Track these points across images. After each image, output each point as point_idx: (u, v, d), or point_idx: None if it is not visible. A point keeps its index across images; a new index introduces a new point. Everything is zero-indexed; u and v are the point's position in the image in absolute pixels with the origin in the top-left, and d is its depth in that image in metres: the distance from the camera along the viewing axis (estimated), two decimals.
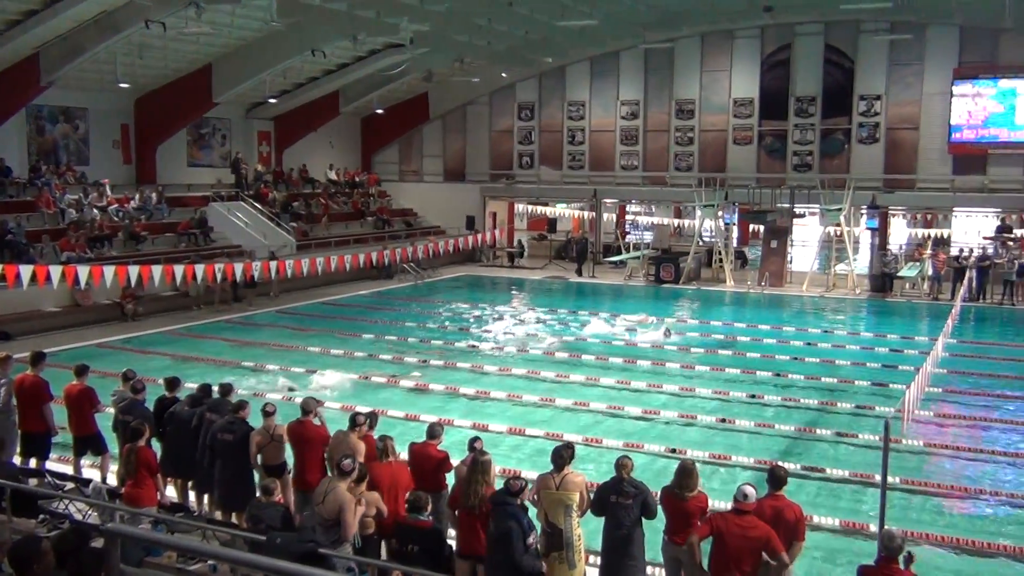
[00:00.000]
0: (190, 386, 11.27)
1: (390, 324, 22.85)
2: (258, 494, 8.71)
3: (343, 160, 38.61)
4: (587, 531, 8.05)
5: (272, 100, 32.41)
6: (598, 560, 8.26)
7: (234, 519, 9.55)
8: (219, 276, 22.33)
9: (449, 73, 35.01)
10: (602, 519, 7.98)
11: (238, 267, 22.79)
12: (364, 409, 10.50)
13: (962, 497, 11.76)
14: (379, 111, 37.48)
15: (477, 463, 7.94)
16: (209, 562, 7.30)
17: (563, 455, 8.09)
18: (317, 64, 30.52)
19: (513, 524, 7.40)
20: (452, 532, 8.35)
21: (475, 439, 8.83)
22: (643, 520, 7.87)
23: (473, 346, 20.42)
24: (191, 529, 8.35)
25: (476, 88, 37.26)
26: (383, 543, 8.34)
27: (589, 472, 10.09)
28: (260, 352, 19.33)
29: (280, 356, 18.83)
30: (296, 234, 30.57)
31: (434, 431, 9.14)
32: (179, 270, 21.22)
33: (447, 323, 23.46)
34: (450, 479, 8.76)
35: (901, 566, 6.57)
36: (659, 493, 8.11)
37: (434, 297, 27.98)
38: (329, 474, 8.82)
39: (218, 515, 9.89)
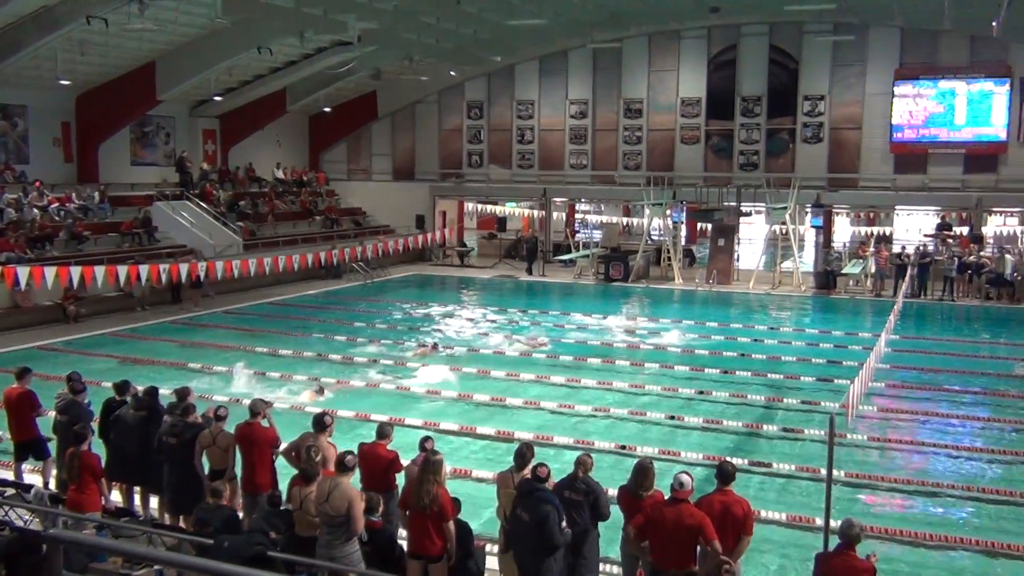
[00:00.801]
0: (164, 393, 11.01)
1: (339, 324, 22.68)
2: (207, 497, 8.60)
3: (290, 159, 38.25)
4: None
5: (217, 98, 31.97)
6: None
7: (182, 523, 9.41)
8: (164, 277, 22.00)
9: (398, 71, 34.84)
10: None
11: (183, 267, 22.46)
12: (335, 410, 10.39)
13: (906, 489, 12.00)
14: (327, 109, 37.19)
15: (428, 463, 7.91)
16: (155, 567, 7.19)
17: (524, 454, 8.12)
18: (263, 62, 30.16)
19: (550, 508, 7.42)
20: (403, 532, 8.30)
21: (426, 438, 8.80)
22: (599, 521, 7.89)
23: (423, 345, 20.34)
24: (136, 534, 8.22)
25: (425, 87, 37.14)
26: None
27: None
28: (208, 353, 19.06)
29: (228, 357, 18.58)
30: (243, 234, 30.21)
31: (384, 431, 9.08)
32: (123, 271, 20.86)
33: (397, 322, 23.35)
34: (400, 479, 8.72)
35: (858, 555, 6.69)
36: (617, 492, 8.15)
37: (383, 296, 27.83)
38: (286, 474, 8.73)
39: (167, 519, 9.73)
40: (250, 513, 9.14)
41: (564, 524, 7.52)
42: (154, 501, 10.15)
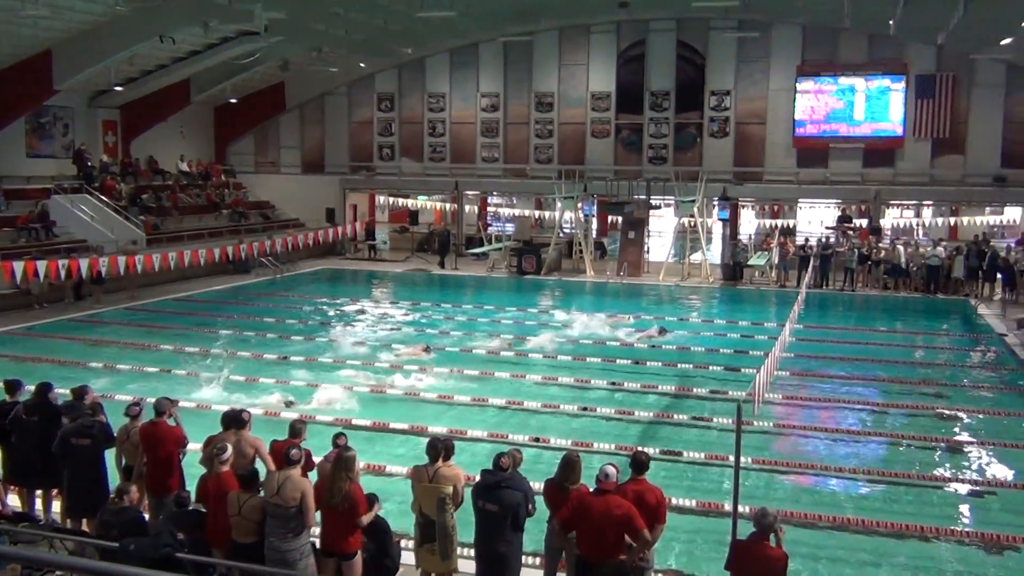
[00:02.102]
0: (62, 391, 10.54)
1: (248, 319, 22.25)
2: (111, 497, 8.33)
3: (195, 151, 37.32)
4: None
5: (118, 88, 30.97)
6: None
7: (85, 527, 9.10)
8: (63, 273, 21.25)
9: (306, 62, 34.25)
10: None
11: (83, 263, 21.73)
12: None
13: (811, 474, 12.36)
14: (233, 100, 36.41)
15: (340, 459, 7.82)
16: (57, 573, 6.93)
17: (437, 447, 8.11)
18: (166, 51, 29.27)
19: (520, 496, 7.64)
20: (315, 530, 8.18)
21: (339, 435, 8.68)
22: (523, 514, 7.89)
23: (334, 340, 20.10)
24: (36, 539, 7.92)
25: (334, 78, 36.64)
26: None
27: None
28: (110, 352, 18.49)
29: (131, 356, 18.07)
30: (145, 228, 29.34)
31: (296, 428, 8.94)
32: (19, 267, 20.07)
33: (308, 318, 23.02)
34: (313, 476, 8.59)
35: (771, 543, 6.83)
36: (543, 485, 8.17)
37: (294, 291, 27.39)
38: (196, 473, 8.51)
39: (70, 523, 9.39)
40: (156, 514, 8.89)
41: (531, 506, 7.77)
42: (56, 505, 9.79)
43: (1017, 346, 19.73)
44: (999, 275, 26.13)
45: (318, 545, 7.94)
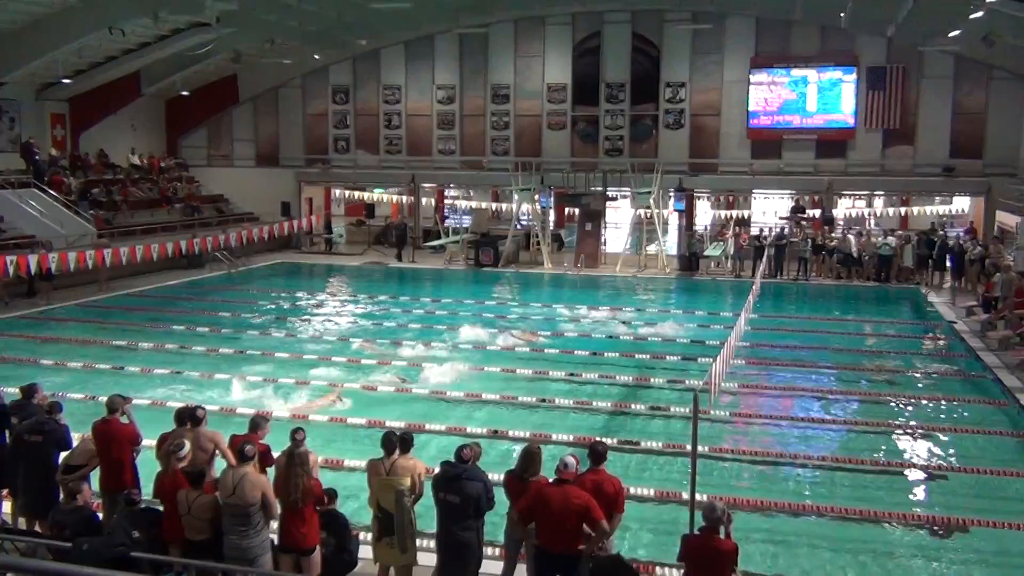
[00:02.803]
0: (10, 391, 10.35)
1: (203, 315, 21.98)
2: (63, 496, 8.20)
3: (147, 144, 36.75)
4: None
5: (66, 80, 30.36)
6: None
7: (39, 527, 8.93)
8: (11, 269, 20.83)
9: (259, 54, 33.83)
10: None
11: (32, 259, 21.32)
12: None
13: (767, 461, 12.50)
14: (185, 93, 35.85)
15: (294, 455, 7.78)
16: (8, 575, 6.79)
17: (391, 440, 8.08)
18: (116, 43, 28.77)
19: (480, 487, 7.70)
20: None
21: (296, 430, 8.58)
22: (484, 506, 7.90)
23: (291, 335, 19.95)
24: None
25: (288, 70, 36.24)
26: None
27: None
28: (62, 349, 18.16)
29: (82, 352, 17.76)
30: (96, 223, 28.82)
31: (256, 423, 8.86)
32: None
33: (264, 312, 22.80)
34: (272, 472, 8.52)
35: (721, 535, 6.91)
36: (503, 476, 8.18)
37: (249, 286, 27.11)
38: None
39: (22, 523, 9.22)
40: (110, 514, 8.76)
41: (491, 495, 7.82)
42: (7, 505, 9.61)
43: (966, 333, 20.11)
44: (948, 263, 26.60)
45: (275, 541, 7.88)
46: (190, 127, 38.57)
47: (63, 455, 9.08)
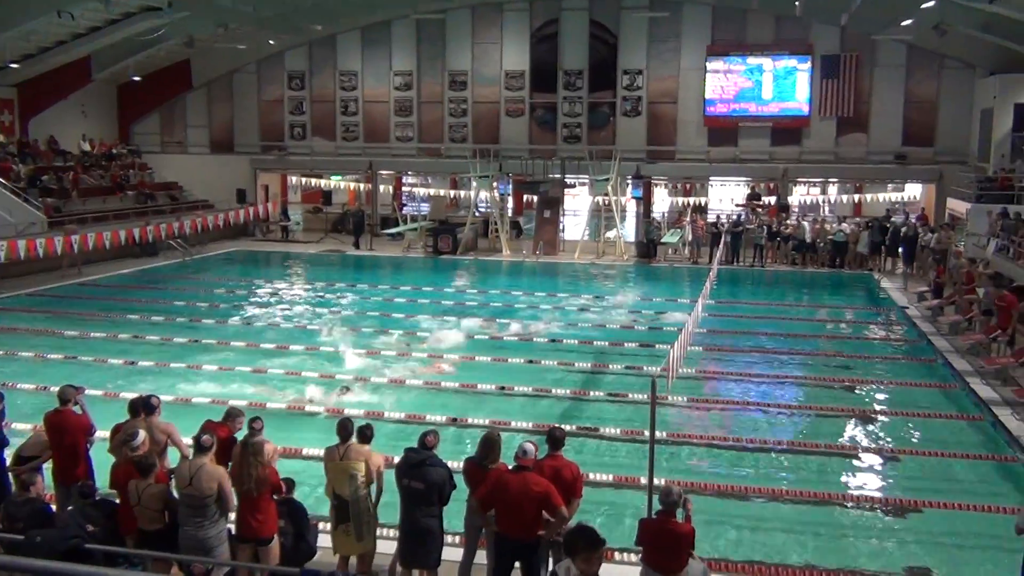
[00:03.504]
0: None
1: (157, 303, 21.67)
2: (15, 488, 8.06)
3: (98, 130, 36.11)
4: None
5: (14, 65, 29.68)
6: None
7: None
8: None
9: (212, 39, 33.30)
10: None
11: None
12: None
13: (724, 446, 12.63)
14: (137, 78, 35.28)
15: (249, 444, 7.73)
16: None
17: (347, 427, 8.06)
18: (65, 27, 28.16)
19: (445, 473, 7.72)
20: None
21: (254, 419, 8.50)
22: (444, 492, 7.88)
23: (248, 323, 19.75)
24: None
25: (242, 55, 35.77)
26: None
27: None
28: (11, 339, 17.80)
29: (34, 343, 17.43)
30: (46, 211, 28.27)
31: (231, 413, 8.77)
32: None
33: (220, 300, 22.54)
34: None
35: (678, 519, 6.97)
36: (462, 464, 8.17)
37: (204, 274, 26.77)
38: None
39: None
40: (63, 506, 8.62)
41: (453, 482, 7.83)
42: None
43: (918, 318, 20.44)
44: (901, 250, 27.01)
45: (233, 531, 7.82)
46: (142, 113, 37.98)
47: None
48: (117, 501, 7.99)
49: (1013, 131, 27.68)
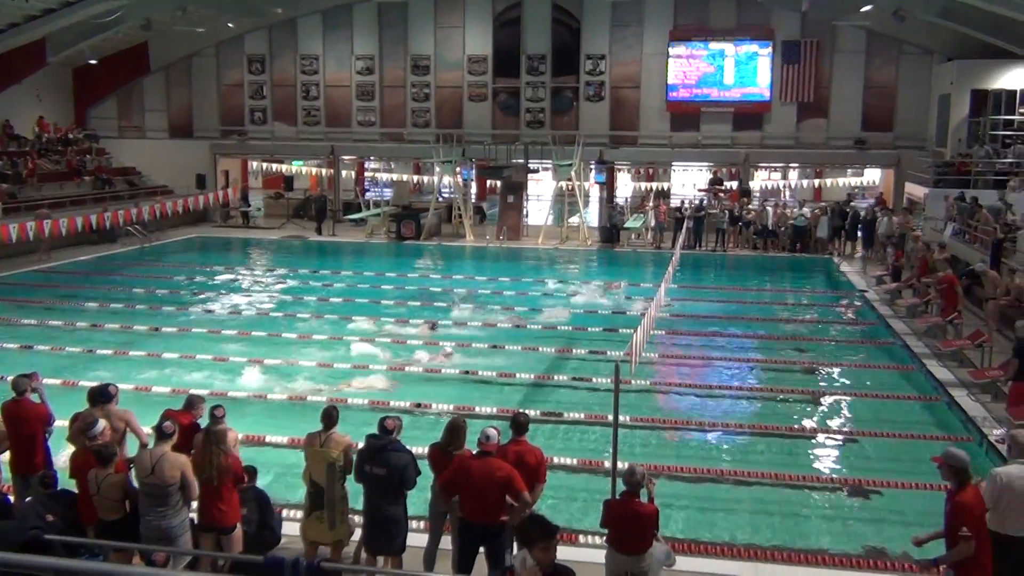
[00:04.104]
0: None
1: (116, 291, 21.37)
2: None
3: (54, 115, 35.45)
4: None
5: None
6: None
7: None
8: None
9: (171, 22, 32.81)
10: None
11: None
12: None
13: (687, 429, 12.74)
14: (93, 62, 34.67)
15: (211, 432, 7.67)
16: None
17: (331, 415, 8.02)
18: (18, 8, 27.60)
19: (407, 458, 7.68)
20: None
21: (216, 406, 8.42)
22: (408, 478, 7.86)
23: (209, 311, 19.55)
24: None
25: (201, 39, 35.27)
26: None
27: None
28: None
29: None
30: (0, 196, 27.72)
31: (192, 401, 8.67)
32: None
33: (180, 288, 22.28)
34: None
35: (642, 499, 7.02)
36: (427, 449, 8.16)
37: (164, 261, 26.43)
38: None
39: None
40: (22, 496, 8.49)
41: (418, 468, 7.80)
42: None
43: (876, 301, 20.71)
44: (860, 234, 27.33)
45: (195, 520, 7.76)
46: (99, 97, 37.35)
47: None
48: (75, 491, 7.88)
49: (970, 116, 28.09)
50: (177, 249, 28.93)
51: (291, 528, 8.44)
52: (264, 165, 38.50)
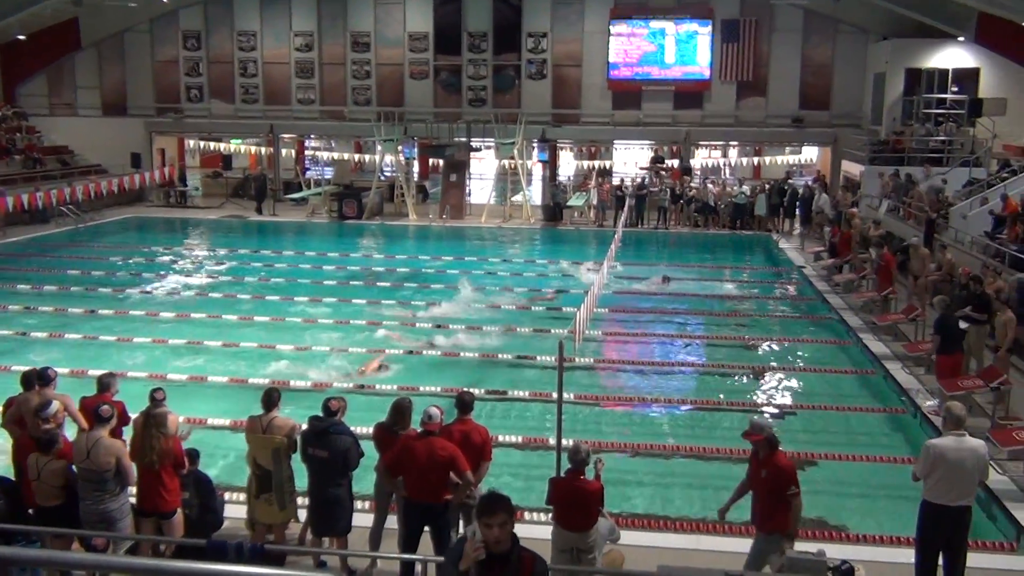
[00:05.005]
0: None
1: (49, 273, 20.86)
2: None
3: None
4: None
5: None
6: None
7: None
8: None
9: None
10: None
11: None
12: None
13: (630, 405, 12.87)
14: (21, 37, 33.60)
15: (150, 416, 7.54)
16: None
17: (272, 397, 7.95)
18: None
19: (350, 440, 7.67)
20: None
21: (156, 390, 8.30)
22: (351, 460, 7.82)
23: (147, 292, 19.19)
24: None
25: (134, 14, 34.38)
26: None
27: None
28: None
29: None
30: None
31: (104, 383, 8.51)
32: None
33: (116, 269, 21.82)
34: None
35: (587, 476, 7.08)
36: (372, 429, 8.13)
37: (99, 242, 25.84)
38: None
39: None
40: None
41: (361, 450, 7.81)
42: None
43: (814, 277, 21.10)
44: (798, 211, 27.75)
45: (135, 504, 7.65)
46: (28, 74, 36.23)
47: None
48: (11, 478, 7.72)
49: (904, 95, 28.61)
50: (113, 230, 28.30)
51: (234, 511, 8.36)
52: (201, 144, 37.80)
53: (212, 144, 37.38)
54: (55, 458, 7.41)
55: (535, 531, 7.73)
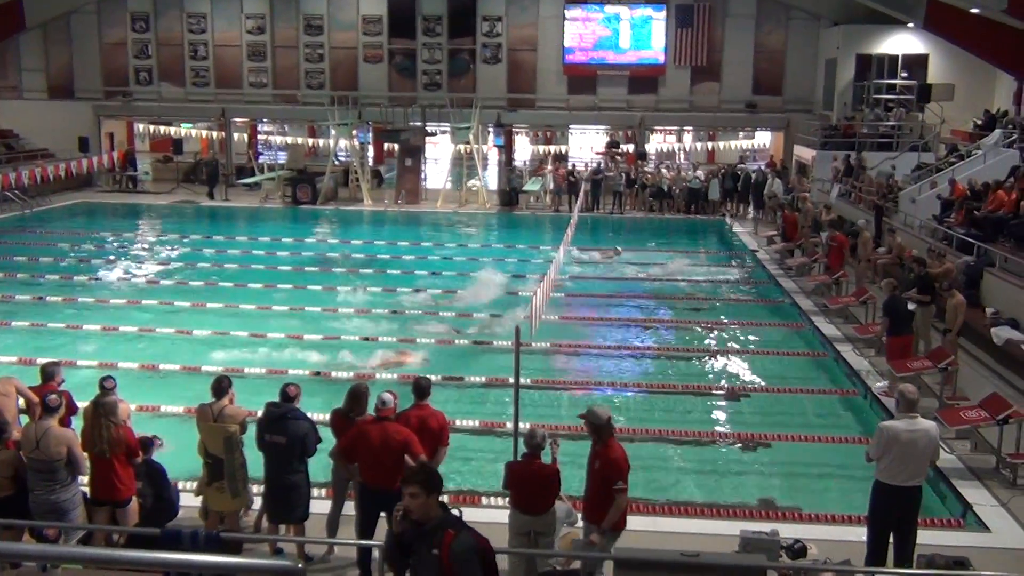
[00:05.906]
0: None
1: None
2: None
3: None
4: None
5: None
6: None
7: None
8: None
9: None
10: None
11: None
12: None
13: (586, 388, 12.94)
14: None
15: (99, 405, 7.45)
16: None
17: (222, 384, 7.90)
18: None
19: (307, 425, 7.66)
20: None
21: (106, 378, 8.19)
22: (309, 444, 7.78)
23: (96, 279, 18.86)
24: None
25: None
26: None
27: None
28: None
29: None
30: None
31: (48, 372, 8.37)
32: None
33: (64, 256, 21.41)
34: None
35: (544, 460, 7.11)
36: (329, 416, 8.10)
37: (47, 228, 25.31)
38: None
39: None
40: None
41: (318, 435, 7.78)
42: None
43: (767, 261, 21.34)
44: (751, 196, 28.02)
45: (88, 494, 7.54)
46: None
47: None
48: None
49: (855, 80, 29.01)
50: (61, 215, 27.75)
51: (190, 500, 8.28)
52: (151, 128, 37.15)
53: (162, 128, 36.74)
54: (4, 448, 7.27)
55: (493, 515, 7.76)
